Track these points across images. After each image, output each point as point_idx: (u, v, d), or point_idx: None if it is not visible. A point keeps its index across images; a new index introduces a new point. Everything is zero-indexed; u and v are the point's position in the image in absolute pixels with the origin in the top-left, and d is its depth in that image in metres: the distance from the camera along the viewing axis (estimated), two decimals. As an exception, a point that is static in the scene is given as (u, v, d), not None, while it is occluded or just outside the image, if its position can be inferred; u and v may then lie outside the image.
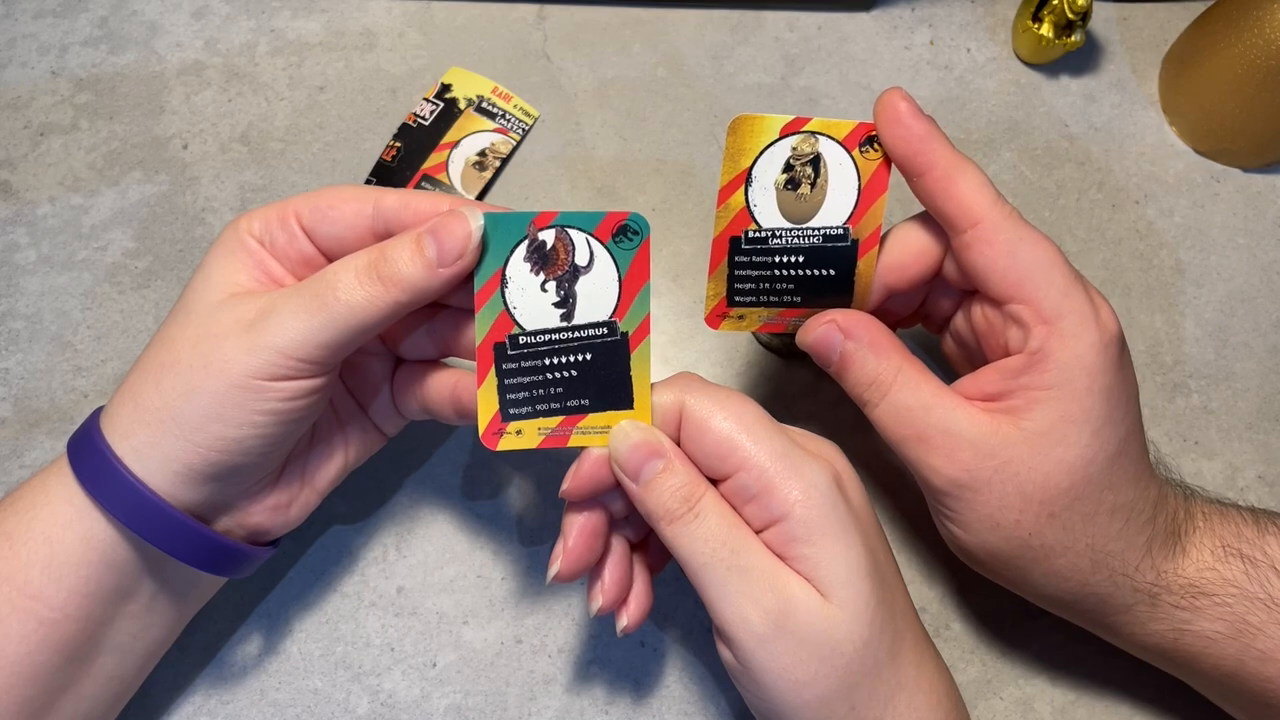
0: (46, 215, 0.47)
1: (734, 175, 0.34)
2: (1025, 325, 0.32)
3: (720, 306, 0.36)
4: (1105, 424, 0.31)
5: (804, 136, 0.34)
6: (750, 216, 0.34)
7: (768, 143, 0.34)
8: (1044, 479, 0.31)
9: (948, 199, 0.32)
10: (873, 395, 0.34)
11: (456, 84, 0.51)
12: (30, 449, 0.43)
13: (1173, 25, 0.54)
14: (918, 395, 0.33)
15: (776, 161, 0.34)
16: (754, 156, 0.34)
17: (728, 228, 0.34)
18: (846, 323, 0.34)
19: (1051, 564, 0.33)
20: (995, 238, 0.32)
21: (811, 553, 0.29)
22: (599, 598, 0.33)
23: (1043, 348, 0.31)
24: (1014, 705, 0.40)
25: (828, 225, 0.34)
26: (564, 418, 0.32)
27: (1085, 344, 0.31)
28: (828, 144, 0.34)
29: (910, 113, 0.32)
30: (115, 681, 0.34)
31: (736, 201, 0.34)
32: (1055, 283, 0.31)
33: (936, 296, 0.37)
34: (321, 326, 0.29)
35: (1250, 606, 0.32)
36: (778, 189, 0.34)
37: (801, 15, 0.54)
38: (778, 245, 0.35)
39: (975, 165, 0.33)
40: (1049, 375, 0.31)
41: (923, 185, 0.33)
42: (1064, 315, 0.31)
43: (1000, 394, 0.32)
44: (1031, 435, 0.31)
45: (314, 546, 0.42)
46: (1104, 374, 0.31)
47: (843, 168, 0.34)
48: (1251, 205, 0.51)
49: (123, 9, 0.53)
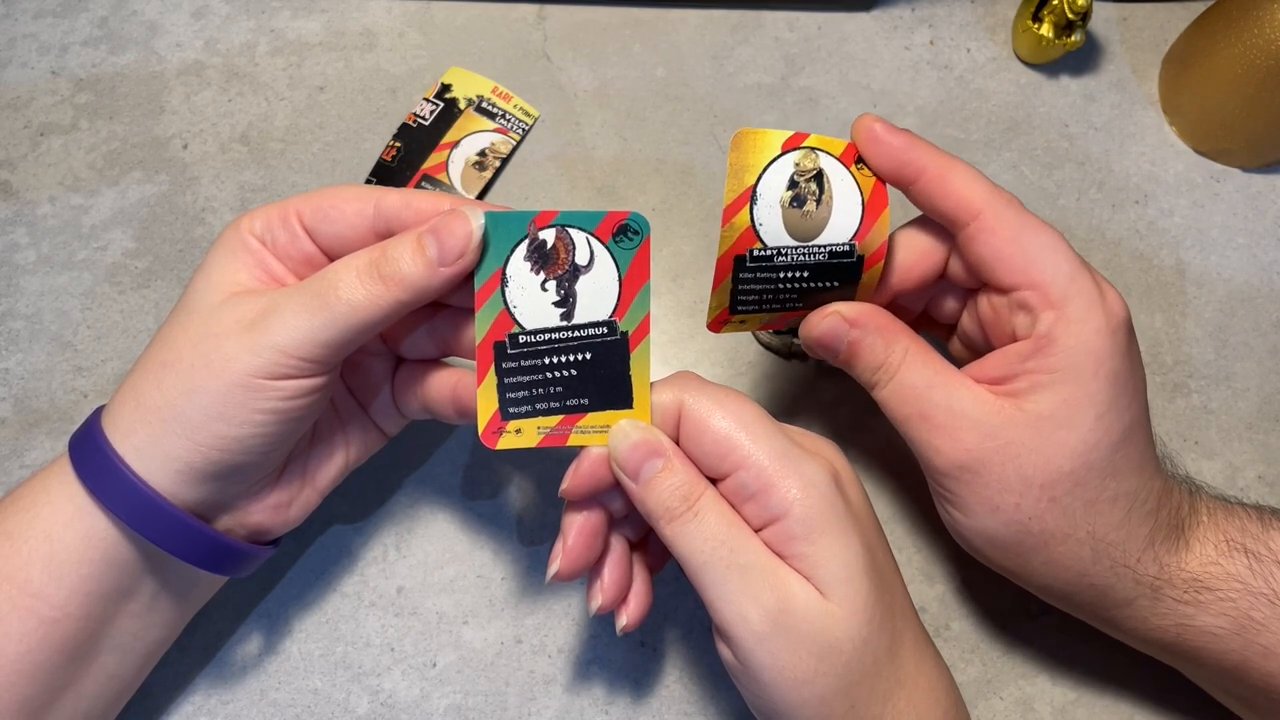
0: (46, 215, 0.47)
1: (739, 193, 0.33)
2: (1032, 310, 0.32)
3: (723, 315, 0.36)
4: (1110, 409, 0.31)
5: (805, 152, 0.33)
6: (756, 235, 0.34)
7: (770, 158, 0.33)
8: (1045, 462, 0.31)
9: (944, 198, 0.32)
10: (880, 377, 0.34)
11: (456, 84, 0.51)
12: (30, 449, 0.43)
13: (1173, 25, 0.54)
14: (923, 374, 0.33)
15: (781, 178, 0.33)
16: (758, 173, 0.33)
17: (732, 247, 0.34)
18: (852, 313, 0.34)
19: (1051, 551, 0.33)
20: (998, 226, 0.32)
21: (810, 551, 0.29)
22: (598, 597, 0.33)
23: (1049, 332, 0.31)
24: (1014, 705, 0.40)
25: (834, 242, 0.34)
26: (563, 417, 0.32)
27: (1091, 328, 0.31)
28: (828, 160, 0.34)
29: (886, 130, 0.33)
30: (115, 680, 0.34)
31: (742, 220, 0.34)
32: (1061, 267, 0.32)
33: (941, 298, 0.37)
34: (323, 325, 0.29)
35: (1254, 602, 0.32)
36: (783, 207, 0.34)
37: (801, 15, 0.54)
38: (783, 262, 0.34)
39: (964, 162, 0.33)
40: (1055, 359, 0.31)
41: (918, 191, 0.33)
42: (1071, 299, 0.31)
43: (1006, 377, 0.32)
44: (1034, 417, 0.31)
45: (314, 546, 0.42)
46: (1110, 359, 0.31)
47: (844, 184, 0.34)
48: (1251, 205, 0.51)
49: (123, 9, 0.53)
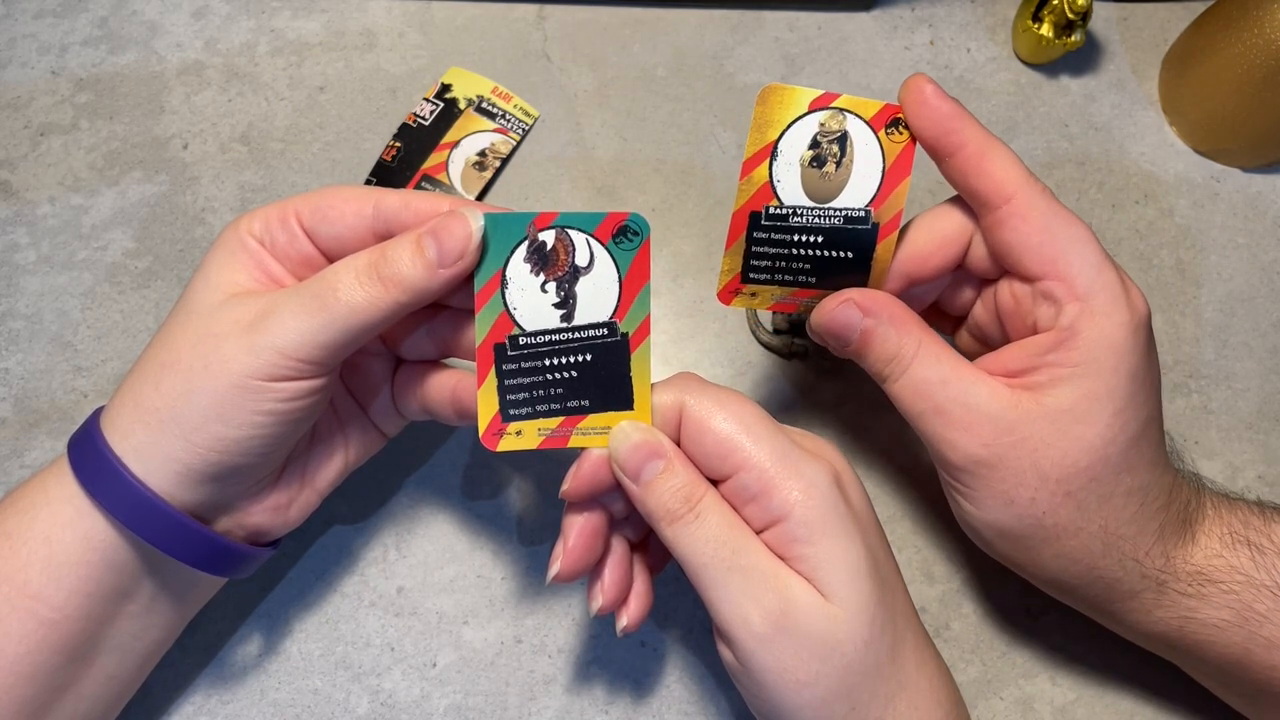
0: (46, 215, 0.47)
1: (760, 147, 0.33)
2: (1057, 302, 0.31)
3: (734, 283, 0.35)
4: (1128, 405, 0.31)
5: (832, 113, 0.33)
6: (773, 192, 0.34)
7: (795, 116, 0.33)
8: (1062, 456, 0.31)
9: (980, 176, 0.32)
10: (893, 370, 0.33)
11: (456, 84, 0.51)
12: (30, 449, 0.43)
13: (1173, 25, 0.54)
14: (938, 368, 0.32)
15: (804, 137, 0.33)
16: (781, 129, 0.33)
17: (749, 201, 0.34)
18: (865, 300, 0.33)
19: (1063, 545, 0.32)
20: (1030, 213, 0.32)
21: (812, 553, 0.29)
22: (599, 598, 0.33)
23: (1073, 324, 0.31)
24: (1014, 705, 0.40)
25: (850, 206, 0.34)
26: (564, 418, 0.32)
27: (1115, 323, 0.31)
28: (855, 122, 0.33)
29: (936, 94, 0.32)
30: (115, 681, 0.34)
31: (760, 175, 0.34)
32: (1089, 260, 0.31)
33: (956, 288, 0.37)
34: (321, 327, 0.29)
35: (1257, 594, 0.32)
36: (803, 165, 0.34)
37: (801, 15, 0.54)
38: (798, 224, 0.34)
39: (1004, 143, 0.32)
40: (1077, 353, 0.31)
41: (954, 165, 0.33)
42: (1096, 293, 0.31)
43: (1024, 370, 0.32)
44: (1053, 412, 0.31)
45: (314, 546, 0.42)
46: (1131, 355, 0.31)
47: (868, 148, 0.33)
48: (1251, 205, 0.51)
49: (123, 9, 0.53)
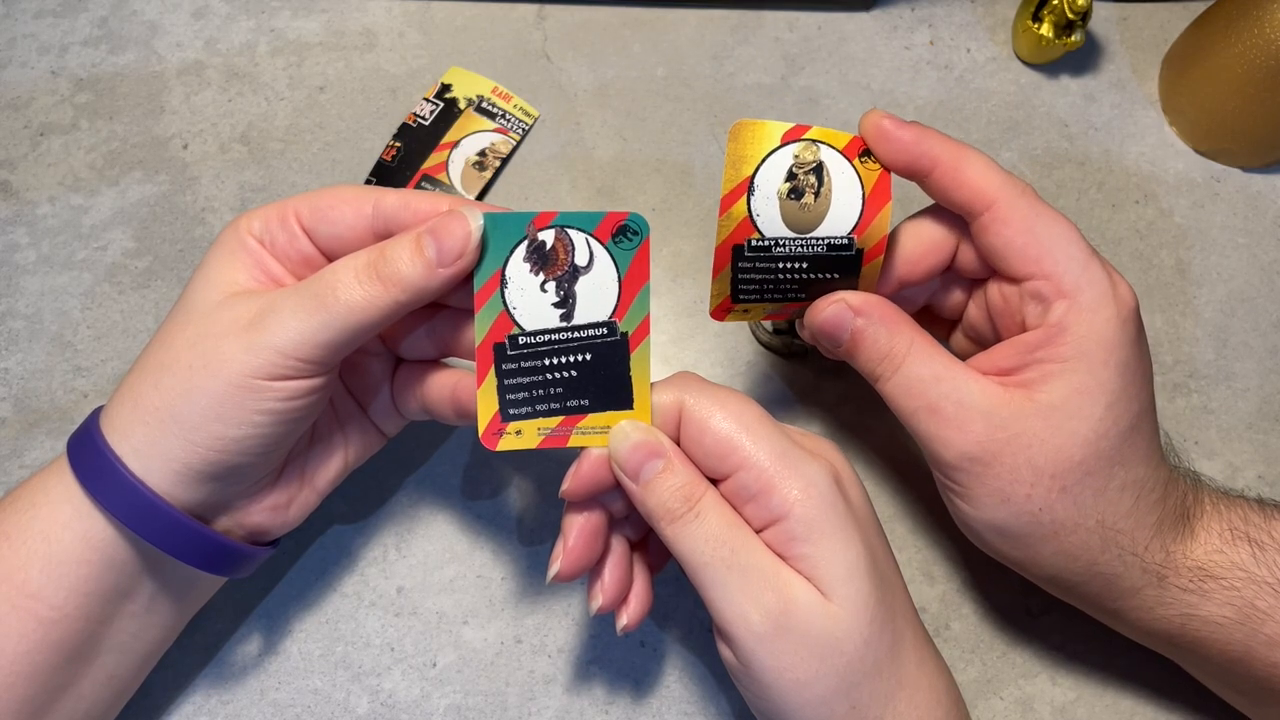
0: (46, 215, 0.47)
1: (736, 184, 0.33)
2: (1044, 299, 0.32)
3: (725, 303, 0.36)
4: (1120, 398, 0.31)
5: (805, 144, 0.33)
6: (753, 225, 0.34)
7: (769, 150, 0.33)
8: (1056, 452, 0.31)
9: (958, 188, 0.32)
10: (885, 370, 0.33)
11: (456, 84, 0.51)
12: (30, 449, 0.43)
13: (1173, 25, 0.54)
14: (930, 366, 0.33)
15: (779, 170, 0.33)
16: (756, 164, 0.33)
17: (730, 236, 0.34)
18: (856, 301, 0.34)
19: (1061, 541, 0.32)
20: (1012, 216, 0.32)
21: (811, 552, 0.29)
22: (599, 597, 0.33)
23: (1061, 320, 0.31)
24: (1014, 705, 0.40)
25: (832, 235, 0.34)
26: (564, 418, 0.32)
27: (1103, 317, 0.31)
28: (829, 153, 0.33)
29: (894, 125, 0.33)
30: (115, 681, 0.34)
31: (739, 210, 0.33)
32: (1074, 257, 0.32)
33: (947, 290, 0.37)
34: (321, 326, 0.29)
35: (1258, 591, 0.32)
36: (780, 198, 0.33)
37: (801, 15, 0.54)
38: (781, 253, 0.34)
39: (977, 151, 0.33)
40: (1066, 348, 0.31)
41: (932, 183, 0.33)
42: (1083, 289, 0.31)
43: (1015, 368, 0.32)
44: (1045, 407, 0.31)
45: (314, 546, 0.42)
46: (1121, 348, 0.31)
47: (845, 176, 0.33)
48: (1251, 205, 0.51)
49: (123, 9, 0.53)
